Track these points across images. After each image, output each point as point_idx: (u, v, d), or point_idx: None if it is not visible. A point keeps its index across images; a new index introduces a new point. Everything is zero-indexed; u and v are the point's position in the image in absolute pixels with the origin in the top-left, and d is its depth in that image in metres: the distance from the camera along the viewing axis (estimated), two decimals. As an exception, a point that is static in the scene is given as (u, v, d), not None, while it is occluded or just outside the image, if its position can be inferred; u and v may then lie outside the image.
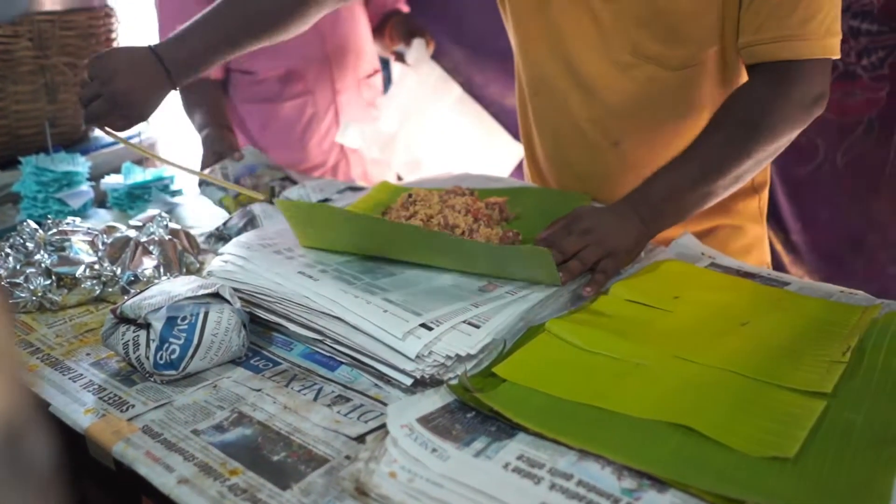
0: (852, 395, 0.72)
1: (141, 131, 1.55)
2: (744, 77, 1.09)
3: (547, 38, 1.17)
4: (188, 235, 1.11)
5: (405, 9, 2.03)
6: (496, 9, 1.25)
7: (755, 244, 1.26)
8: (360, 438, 0.71)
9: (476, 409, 0.72)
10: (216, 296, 0.86)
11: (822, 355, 0.78)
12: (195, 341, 0.82)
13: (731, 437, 0.66)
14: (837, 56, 1.01)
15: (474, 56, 2.06)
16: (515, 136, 1.97)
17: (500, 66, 1.75)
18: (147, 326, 0.82)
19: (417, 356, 0.77)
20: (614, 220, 0.99)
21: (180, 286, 0.86)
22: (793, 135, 1.04)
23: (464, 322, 0.82)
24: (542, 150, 1.28)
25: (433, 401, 0.73)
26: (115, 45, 1.55)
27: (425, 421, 0.71)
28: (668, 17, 1.05)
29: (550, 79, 1.19)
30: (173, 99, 1.19)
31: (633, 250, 1.01)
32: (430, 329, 0.80)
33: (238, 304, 0.86)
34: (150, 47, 1.06)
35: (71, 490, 0.29)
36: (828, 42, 0.99)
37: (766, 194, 1.25)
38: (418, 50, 1.85)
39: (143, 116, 1.07)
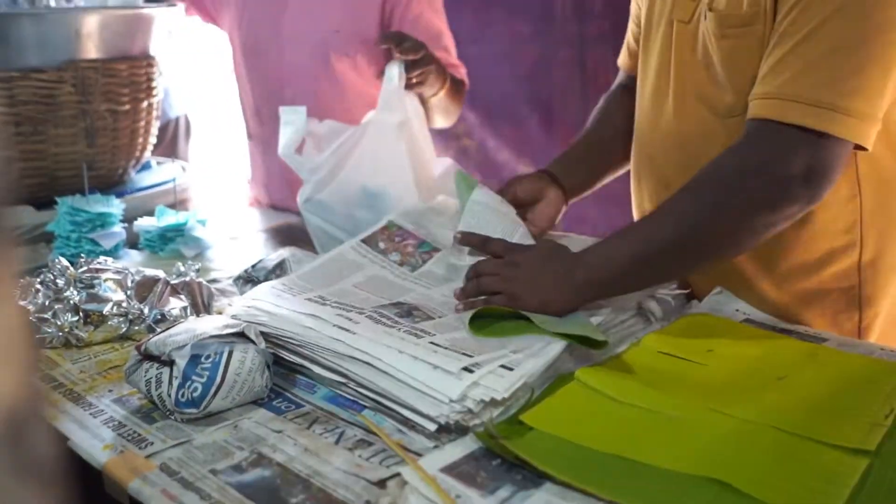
0: (895, 455, 0.69)
1: (176, 177, 1.57)
2: None
3: (644, 73, 1.15)
4: (201, 289, 1.09)
5: (458, 71, 1.67)
6: (510, 72, 1.25)
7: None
8: (381, 483, 0.69)
9: (502, 456, 0.70)
10: (241, 335, 0.85)
11: (864, 414, 0.75)
12: (218, 380, 0.81)
13: (770, 493, 0.63)
14: (851, 139, 0.88)
15: (488, 120, 2.06)
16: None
17: (515, 130, 1.71)
18: (170, 363, 0.81)
19: (454, 399, 0.75)
20: (539, 276, 0.95)
21: (206, 325, 0.86)
22: (767, 216, 0.91)
23: (500, 366, 0.80)
24: (631, 186, 1.25)
25: (457, 451, 0.71)
26: (155, 93, 1.59)
27: (449, 469, 0.69)
28: (715, 58, 1.00)
29: (639, 115, 1.18)
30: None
31: (537, 309, 0.93)
32: (470, 372, 0.78)
33: (263, 345, 0.86)
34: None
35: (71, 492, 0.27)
36: (845, 120, 0.87)
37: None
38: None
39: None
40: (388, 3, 1.62)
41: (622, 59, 1.31)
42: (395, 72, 1.34)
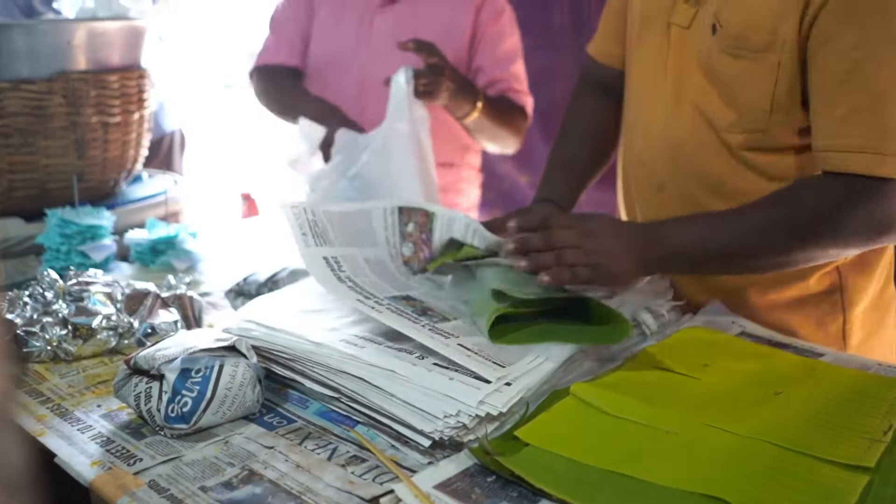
0: (894, 471, 0.68)
1: (167, 189, 1.56)
2: (795, 168, 1.02)
3: (636, 73, 1.16)
4: (192, 303, 1.08)
5: (520, 97, 1.68)
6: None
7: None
8: (375, 501, 0.68)
9: (497, 473, 0.69)
10: (233, 349, 0.84)
11: (862, 430, 0.74)
12: (208, 395, 0.79)
13: (768, 511, 0.62)
14: None
15: None
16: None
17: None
18: (160, 378, 0.80)
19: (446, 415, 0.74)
20: (619, 244, 0.94)
21: (197, 338, 0.85)
22: (847, 250, 0.98)
23: (505, 383, 0.79)
24: (618, 186, 1.26)
25: (451, 468, 0.70)
26: (146, 105, 1.58)
27: (443, 486, 0.67)
28: (721, 75, 1.00)
29: (630, 115, 1.18)
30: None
31: (617, 278, 0.95)
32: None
33: (254, 359, 0.84)
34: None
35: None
36: None
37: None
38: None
39: None
40: (480, 19, 1.62)
41: (598, 47, 1.27)
42: (401, 77, 1.32)
